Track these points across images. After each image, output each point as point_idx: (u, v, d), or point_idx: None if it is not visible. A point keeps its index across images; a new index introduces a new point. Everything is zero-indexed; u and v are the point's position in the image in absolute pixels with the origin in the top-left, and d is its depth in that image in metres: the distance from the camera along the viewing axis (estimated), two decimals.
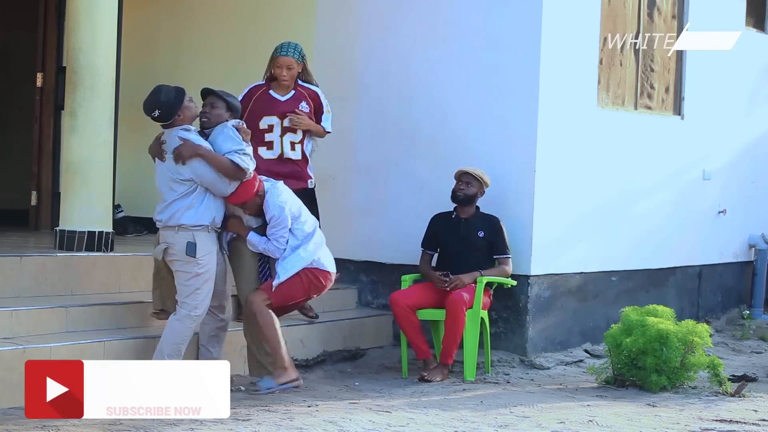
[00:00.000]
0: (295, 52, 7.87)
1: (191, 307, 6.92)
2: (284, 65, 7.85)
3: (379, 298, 9.12)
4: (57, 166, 9.41)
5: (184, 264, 6.92)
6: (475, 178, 8.23)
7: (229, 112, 7.15)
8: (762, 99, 11.26)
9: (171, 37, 10.29)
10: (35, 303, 7.09)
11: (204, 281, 6.95)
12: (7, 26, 11.75)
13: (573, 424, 6.59)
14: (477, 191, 8.26)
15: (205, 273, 6.95)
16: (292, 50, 7.87)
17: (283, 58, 7.84)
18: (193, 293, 6.92)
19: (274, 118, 7.86)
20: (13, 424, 5.94)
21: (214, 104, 7.12)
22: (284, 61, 7.84)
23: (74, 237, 7.80)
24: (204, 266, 6.94)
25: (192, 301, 6.93)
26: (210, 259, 6.97)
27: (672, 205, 10.03)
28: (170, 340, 6.89)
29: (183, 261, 6.91)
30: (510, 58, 8.63)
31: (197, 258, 6.89)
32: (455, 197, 8.26)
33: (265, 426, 6.20)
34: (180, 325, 6.92)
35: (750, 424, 6.76)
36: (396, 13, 9.14)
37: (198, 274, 6.92)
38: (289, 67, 7.86)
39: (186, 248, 6.88)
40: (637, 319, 7.78)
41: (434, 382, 7.80)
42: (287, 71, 7.86)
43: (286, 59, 7.84)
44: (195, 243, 6.89)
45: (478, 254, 8.18)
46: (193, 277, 6.91)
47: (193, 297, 6.92)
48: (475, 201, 8.28)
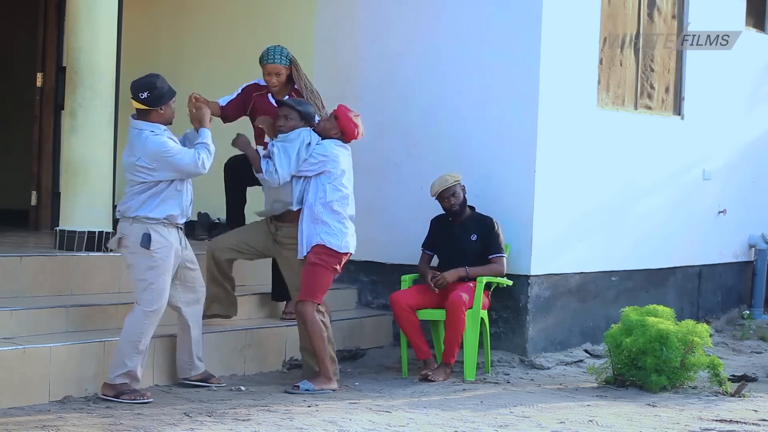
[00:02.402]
0: (281, 57, 7.87)
1: (147, 303, 6.81)
2: (272, 73, 7.87)
3: (379, 298, 9.12)
4: (57, 166, 9.41)
5: (138, 257, 6.84)
6: (454, 185, 8.17)
7: (303, 120, 7.40)
8: (762, 99, 11.27)
9: (171, 37, 10.29)
10: (35, 303, 7.10)
11: (158, 275, 6.85)
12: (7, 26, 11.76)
13: (573, 424, 6.59)
14: (463, 193, 8.24)
15: (159, 267, 6.85)
16: (278, 56, 7.86)
17: (270, 66, 7.86)
18: (148, 288, 6.83)
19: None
20: (13, 424, 5.94)
21: (288, 116, 7.40)
22: (271, 68, 7.86)
23: (74, 237, 7.80)
24: (157, 260, 6.84)
25: (147, 296, 6.82)
26: (165, 253, 6.87)
27: (672, 205, 10.03)
28: (127, 338, 6.77)
29: (137, 253, 6.83)
30: (510, 58, 8.63)
31: (151, 250, 6.82)
32: (452, 212, 8.22)
33: (265, 426, 6.20)
34: (136, 322, 6.80)
35: (750, 424, 6.76)
36: (396, 13, 9.15)
37: (152, 267, 6.83)
38: (278, 74, 7.87)
39: (141, 240, 6.81)
40: (637, 319, 7.78)
41: (437, 381, 7.81)
42: (276, 78, 7.87)
43: (274, 67, 7.86)
44: (150, 234, 6.81)
45: (471, 257, 8.16)
46: (148, 269, 6.82)
47: (148, 292, 6.83)
48: (466, 202, 8.26)
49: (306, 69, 9.34)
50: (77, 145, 7.87)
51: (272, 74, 7.86)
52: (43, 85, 9.78)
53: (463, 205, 8.24)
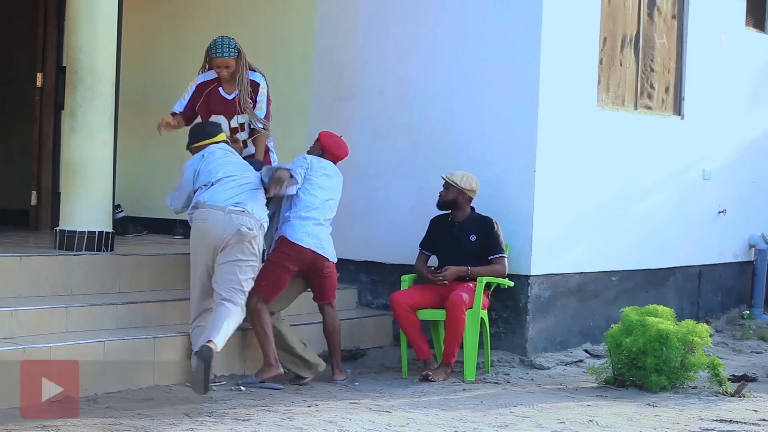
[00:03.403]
0: (229, 50, 7.87)
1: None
2: (222, 66, 7.89)
3: (379, 298, 9.12)
4: (57, 166, 9.41)
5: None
6: (450, 183, 8.22)
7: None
8: (762, 99, 11.26)
9: (171, 37, 10.28)
10: (35, 303, 7.09)
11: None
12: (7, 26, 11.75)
13: (573, 424, 6.59)
14: (456, 197, 8.23)
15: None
16: (226, 49, 7.86)
17: (219, 60, 7.88)
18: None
19: (221, 117, 7.92)
20: (13, 424, 5.94)
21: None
22: (221, 62, 7.88)
23: (74, 237, 7.80)
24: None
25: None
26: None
27: (672, 205, 10.03)
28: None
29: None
30: (510, 58, 8.63)
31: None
32: (438, 205, 8.29)
33: (265, 426, 6.20)
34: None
35: (750, 424, 6.76)
36: (396, 13, 9.15)
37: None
38: (227, 66, 7.89)
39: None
40: (637, 319, 7.78)
41: (437, 381, 7.81)
42: (226, 70, 7.90)
43: (223, 60, 7.87)
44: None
45: (470, 257, 8.16)
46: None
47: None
48: (459, 206, 8.24)
49: (306, 69, 9.37)
50: (77, 145, 7.87)
51: (222, 67, 7.88)
52: (43, 85, 9.78)
53: (446, 206, 8.28)
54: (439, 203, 8.30)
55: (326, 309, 7.86)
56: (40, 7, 9.84)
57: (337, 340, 7.86)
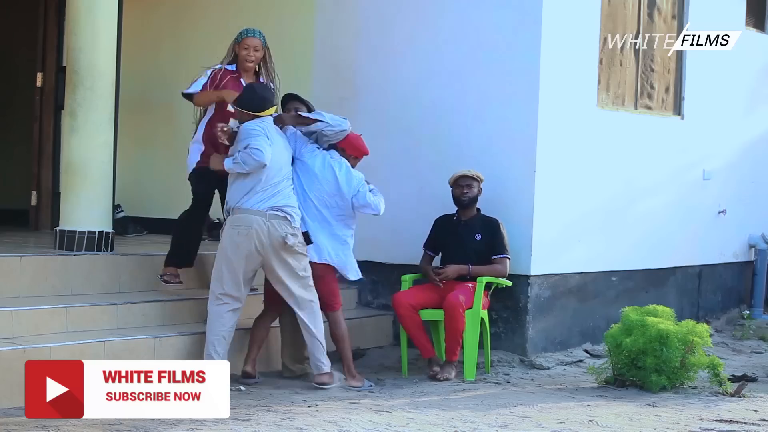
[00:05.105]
0: (261, 35, 7.92)
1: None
2: (251, 46, 7.88)
3: (379, 298, 9.12)
4: (57, 166, 9.42)
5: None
6: (473, 178, 8.25)
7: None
8: (762, 99, 11.27)
9: (171, 37, 10.29)
10: (35, 303, 7.10)
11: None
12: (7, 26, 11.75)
13: (573, 424, 6.59)
14: (478, 191, 8.28)
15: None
16: (258, 34, 7.92)
17: (250, 39, 7.88)
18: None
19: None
20: (13, 424, 5.94)
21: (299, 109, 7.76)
22: (252, 42, 7.88)
23: (74, 237, 7.81)
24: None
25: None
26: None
27: (672, 205, 10.03)
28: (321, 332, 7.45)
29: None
30: (510, 58, 8.64)
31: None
32: (460, 202, 8.27)
33: (265, 426, 6.20)
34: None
35: (750, 424, 6.76)
36: (396, 13, 9.15)
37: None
38: (256, 49, 7.89)
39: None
40: (637, 319, 7.78)
41: (451, 379, 7.83)
42: (254, 52, 7.88)
43: (254, 40, 7.88)
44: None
45: (473, 257, 8.17)
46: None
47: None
48: (477, 201, 8.29)
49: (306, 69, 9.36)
50: (77, 145, 7.87)
51: (251, 47, 7.88)
52: (43, 85, 9.79)
53: (472, 203, 8.26)
54: (465, 201, 8.26)
55: (329, 316, 7.78)
56: (40, 7, 9.85)
57: (341, 346, 7.72)
